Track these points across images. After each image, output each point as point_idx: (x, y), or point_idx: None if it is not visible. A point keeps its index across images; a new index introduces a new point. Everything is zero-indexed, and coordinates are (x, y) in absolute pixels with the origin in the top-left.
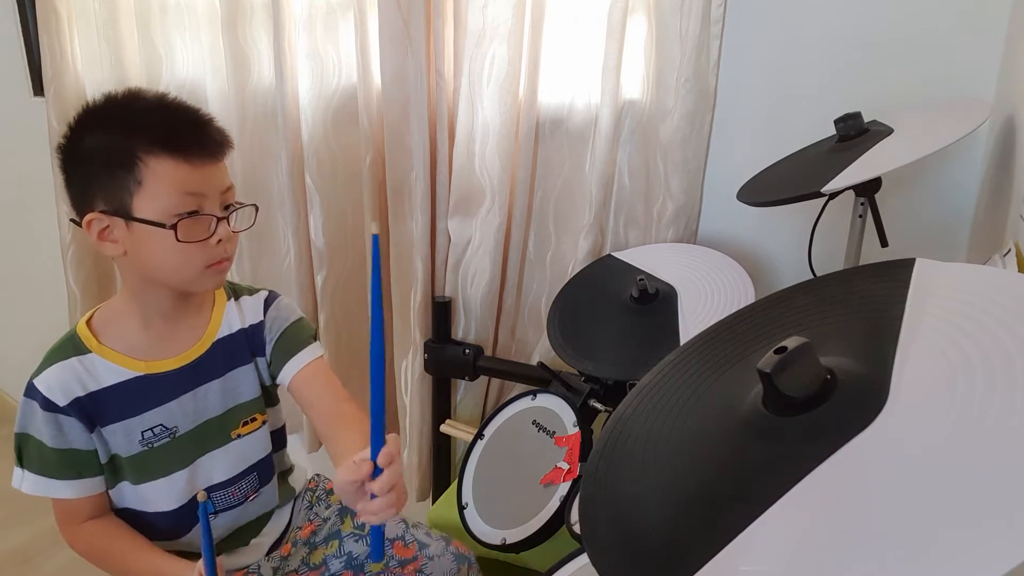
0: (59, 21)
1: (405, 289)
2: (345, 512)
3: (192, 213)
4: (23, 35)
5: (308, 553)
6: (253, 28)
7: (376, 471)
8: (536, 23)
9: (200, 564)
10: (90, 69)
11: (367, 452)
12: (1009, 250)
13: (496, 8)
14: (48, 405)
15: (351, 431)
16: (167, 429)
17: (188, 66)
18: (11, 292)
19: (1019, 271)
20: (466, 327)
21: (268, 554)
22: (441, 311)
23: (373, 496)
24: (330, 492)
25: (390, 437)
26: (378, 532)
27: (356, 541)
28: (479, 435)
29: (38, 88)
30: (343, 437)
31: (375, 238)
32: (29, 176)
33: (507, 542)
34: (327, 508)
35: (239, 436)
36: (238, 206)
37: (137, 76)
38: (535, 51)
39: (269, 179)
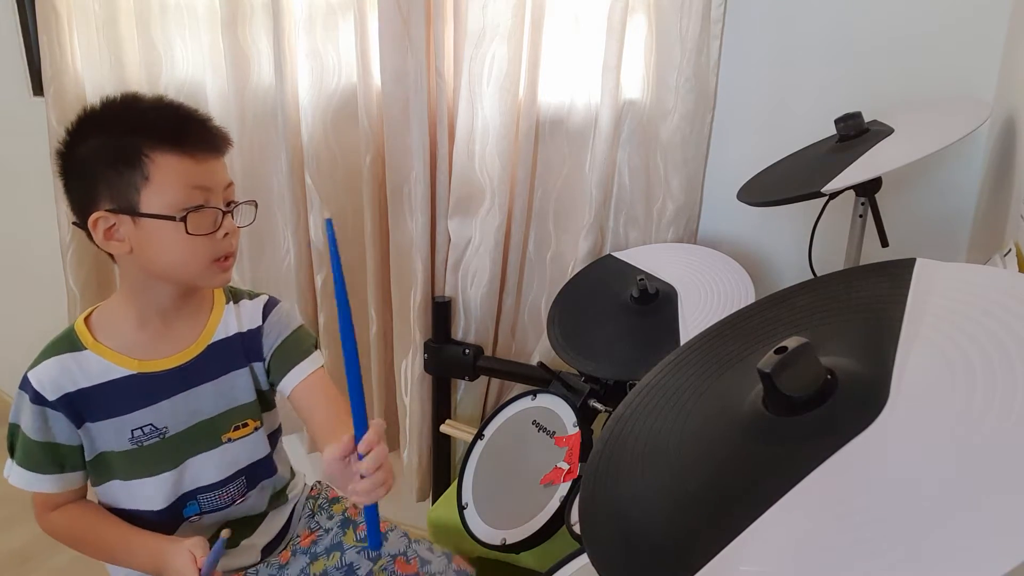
0: (59, 21)
1: (405, 289)
2: (348, 523)
3: (199, 207)
4: (23, 35)
5: (308, 563)
6: (253, 28)
7: (360, 456)
8: (536, 23)
9: (191, 544)
10: (90, 69)
11: (350, 435)
12: (1009, 250)
13: (496, 8)
14: (37, 398)
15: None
16: (157, 429)
17: (188, 66)
18: (11, 292)
19: (1019, 271)
20: (466, 327)
21: (264, 558)
22: (441, 311)
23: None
24: (333, 501)
25: (373, 423)
26: (372, 515)
27: (358, 553)
28: (479, 435)
29: (38, 88)
30: None
31: (329, 223)
32: (29, 176)
33: (507, 542)
34: (329, 519)
35: (229, 440)
36: (238, 202)
37: (137, 76)
38: (535, 51)
39: (269, 179)
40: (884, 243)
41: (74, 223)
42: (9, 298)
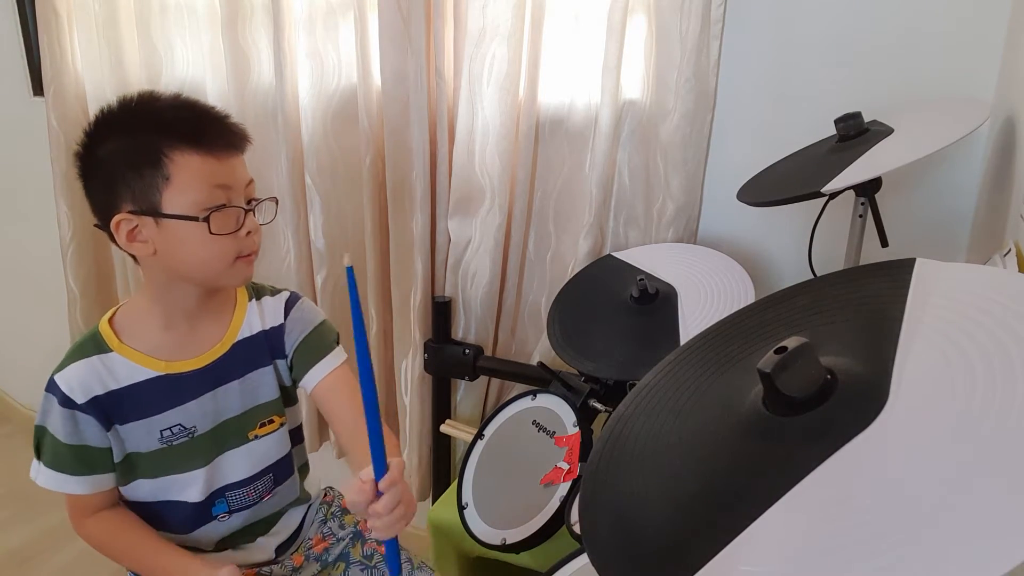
0: (59, 21)
1: (405, 289)
2: (358, 537)
3: (221, 206)
4: (23, 35)
5: (319, 571)
6: (253, 28)
7: (379, 493)
8: (536, 23)
9: (225, 573)
10: (90, 69)
11: (371, 471)
12: (1009, 250)
13: (496, 8)
14: (67, 402)
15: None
16: (185, 429)
17: (188, 66)
18: (11, 292)
19: (1019, 271)
20: (466, 327)
21: (277, 557)
22: (441, 311)
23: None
24: (345, 511)
25: (393, 462)
26: (392, 545)
27: (362, 570)
28: (479, 435)
29: (38, 88)
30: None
31: (349, 270)
32: (29, 176)
33: (507, 542)
34: (341, 527)
35: (256, 437)
36: (259, 200)
37: (137, 76)
38: (535, 51)
39: (269, 179)
40: (884, 243)
41: (96, 225)
42: (9, 298)
